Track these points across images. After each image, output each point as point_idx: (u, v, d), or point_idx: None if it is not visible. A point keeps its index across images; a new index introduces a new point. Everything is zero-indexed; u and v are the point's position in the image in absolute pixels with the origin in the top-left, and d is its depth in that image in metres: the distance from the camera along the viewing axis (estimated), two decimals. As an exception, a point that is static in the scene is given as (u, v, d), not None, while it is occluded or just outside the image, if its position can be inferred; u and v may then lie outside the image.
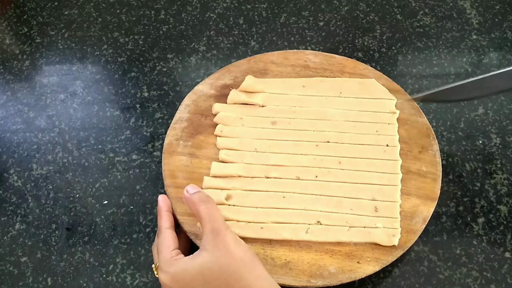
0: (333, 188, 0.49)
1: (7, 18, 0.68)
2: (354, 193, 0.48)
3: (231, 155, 0.51)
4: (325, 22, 0.66)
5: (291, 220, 0.47)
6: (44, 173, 0.55)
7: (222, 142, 0.52)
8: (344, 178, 0.49)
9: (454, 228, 0.50)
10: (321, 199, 0.48)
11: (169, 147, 0.52)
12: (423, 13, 0.66)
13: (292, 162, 0.50)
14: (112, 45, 0.65)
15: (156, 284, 0.48)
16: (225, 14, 0.67)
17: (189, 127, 0.53)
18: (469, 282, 0.47)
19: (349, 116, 0.53)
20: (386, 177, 0.49)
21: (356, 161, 0.50)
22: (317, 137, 0.52)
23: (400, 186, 0.48)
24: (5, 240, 0.51)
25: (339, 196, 0.48)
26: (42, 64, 0.63)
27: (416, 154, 0.50)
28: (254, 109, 0.54)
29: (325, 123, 0.53)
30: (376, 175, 0.49)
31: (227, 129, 0.53)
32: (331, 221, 0.47)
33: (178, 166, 0.51)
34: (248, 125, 0.53)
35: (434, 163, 0.50)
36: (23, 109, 0.60)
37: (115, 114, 0.59)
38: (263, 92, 0.55)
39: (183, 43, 0.64)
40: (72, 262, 0.49)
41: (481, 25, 0.65)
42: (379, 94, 0.54)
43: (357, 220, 0.47)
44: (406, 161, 0.50)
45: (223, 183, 0.49)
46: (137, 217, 0.52)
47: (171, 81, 0.61)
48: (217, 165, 0.50)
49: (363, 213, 0.47)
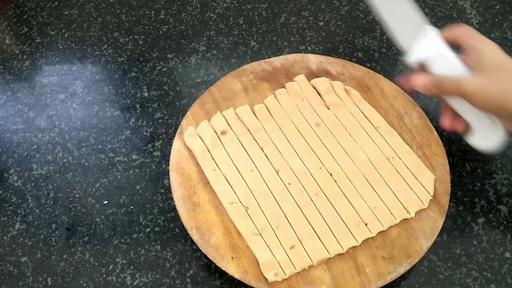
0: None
1: (7, 18, 0.68)
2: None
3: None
4: (325, 22, 0.66)
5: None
6: (44, 173, 0.55)
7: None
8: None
9: (454, 228, 0.50)
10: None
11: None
12: (423, 13, 0.66)
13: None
14: (112, 45, 0.65)
15: (156, 284, 0.48)
16: (225, 14, 0.67)
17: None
18: (469, 282, 0.47)
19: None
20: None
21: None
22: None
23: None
24: (5, 240, 0.51)
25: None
26: (42, 64, 0.63)
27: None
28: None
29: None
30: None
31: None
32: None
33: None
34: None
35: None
36: (23, 109, 0.60)
37: (115, 114, 0.59)
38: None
39: (183, 43, 0.64)
40: (72, 262, 0.49)
41: (481, 25, 0.65)
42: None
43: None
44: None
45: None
46: (137, 217, 0.52)
47: (171, 81, 0.61)
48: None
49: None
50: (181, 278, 0.48)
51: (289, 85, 0.56)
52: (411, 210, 0.48)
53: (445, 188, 0.49)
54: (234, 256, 0.46)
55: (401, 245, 0.46)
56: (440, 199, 0.49)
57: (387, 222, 0.47)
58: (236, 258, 0.46)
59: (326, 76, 0.56)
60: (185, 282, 0.48)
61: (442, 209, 0.48)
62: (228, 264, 0.45)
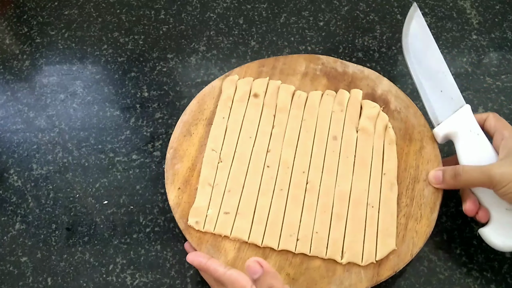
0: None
1: (7, 18, 0.68)
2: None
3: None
4: (325, 22, 0.66)
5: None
6: (44, 173, 0.55)
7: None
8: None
9: (454, 228, 0.50)
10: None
11: None
12: (423, 13, 0.66)
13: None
14: (112, 45, 0.65)
15: (156, 284, 0.48)
16: (225, 14, 0.67)
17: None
18: (469, 282, 0.47)
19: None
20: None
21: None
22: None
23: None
24: (5, 240, 0.51)
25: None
26: (42, 64, 0.63)
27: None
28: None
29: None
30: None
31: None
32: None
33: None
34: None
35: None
36: (23, 109, 0.60)
37: (115, 114, 0.59)
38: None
39: (183, 43, 0.64)
40: (72, 262, 0.49)
41: (481, 25, 0.65)
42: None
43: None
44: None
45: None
46: (137, 217, 0.52)
47: (171, 81, 0.61)
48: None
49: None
50: (181, 278, 0.48)
51: (341, 92, 0.54)
52: (345, 257, 0.45)
53: (395, 265, 0.45)
54: (181, 188, 0.49)
55: (310, 277, 0.44)
56: (382, 270, 0.45)
57: (317, 251, 0.46)
58: (181, 191, 0.49)
59: (382, 105, 0.53)
60: (185, 282, 0.48)
61: (376, 279, 0.44)
62: (172, 190, 0.49)
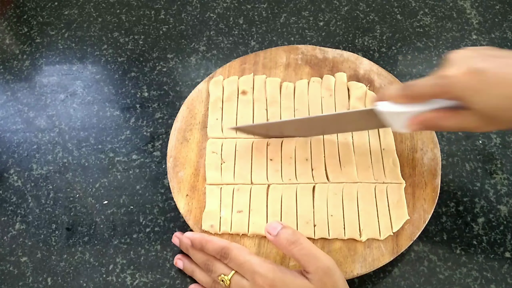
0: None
1: (7, 18, 0.68)
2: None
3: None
4: (325, 22, 0.66)
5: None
6: (44, 173, 0.55)
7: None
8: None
9: (454, 228, 0.50)
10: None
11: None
12: (423, 13, 0.66)
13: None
14: (112, 45, 0.65)
15: (156, 284, 0.48)
16: (225, 14, 0.67)
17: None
18: (469, 282, 0.47)
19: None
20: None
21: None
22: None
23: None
24: (5, 240, 0.51)
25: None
26: (42, 64, 0.63)
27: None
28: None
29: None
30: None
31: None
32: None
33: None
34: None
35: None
36: (23, 109, 0.60)
37: (115, 114, 0.59)
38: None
39: (183, 43, 0.64)
40: (72, 262, 0.49)
41: (481, 25, 0.65)
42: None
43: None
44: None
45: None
46: (137, 217, 0.52)
47: (171, 81, 0.61)
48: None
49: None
50: (181, 278, 0.48)
51: (326, 77, 0.55)
52: (364, 234, 0.46)
53: (411, 233, 0.47)
54: (189, 195, 0.49)
55: (335, 259, 0.43)
56: (400, 240, 0.46)
57: (335, 233, 0.47)
58: (190, 197, 0.49)
59: (367, 84, 0.55)
60: (185, 282, 0.48)
61: (396, 250, 0.46)
62: (180, 199, 0.49)
